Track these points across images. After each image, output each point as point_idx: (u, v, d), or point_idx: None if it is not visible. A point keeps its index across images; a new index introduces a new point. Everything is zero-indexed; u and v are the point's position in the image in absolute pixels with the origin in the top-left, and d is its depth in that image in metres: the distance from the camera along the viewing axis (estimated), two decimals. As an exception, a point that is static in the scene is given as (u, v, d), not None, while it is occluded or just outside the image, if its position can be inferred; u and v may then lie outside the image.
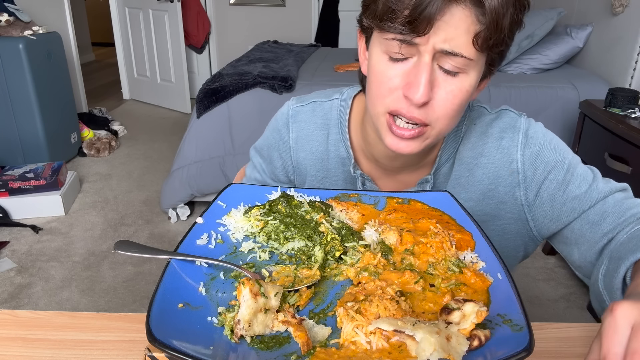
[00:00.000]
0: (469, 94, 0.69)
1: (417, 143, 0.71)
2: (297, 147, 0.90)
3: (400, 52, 0.65)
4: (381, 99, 0.70)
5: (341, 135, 0.88)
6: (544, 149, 0.80)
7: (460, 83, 0.66)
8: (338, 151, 0.88)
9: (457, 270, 0.57)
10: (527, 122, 0.83)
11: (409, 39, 0.63)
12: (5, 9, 3.03)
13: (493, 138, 0.82)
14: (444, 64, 0.65)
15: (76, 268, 2.32)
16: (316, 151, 0.90)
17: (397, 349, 0.46)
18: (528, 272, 2.29)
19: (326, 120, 0.89)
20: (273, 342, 0.48)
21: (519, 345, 0.44)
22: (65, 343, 0.58)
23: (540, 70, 2.99)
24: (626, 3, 2.54)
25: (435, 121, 0.68)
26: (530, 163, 0.80)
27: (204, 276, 0.58)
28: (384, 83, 0.68)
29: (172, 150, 3.67)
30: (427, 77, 0.64)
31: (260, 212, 0.68)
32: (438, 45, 0.63)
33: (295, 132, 0.90)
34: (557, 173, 0.79)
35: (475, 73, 0.67)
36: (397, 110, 0.68)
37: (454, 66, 0.65)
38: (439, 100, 0.67)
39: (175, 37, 4.51)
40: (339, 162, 0.89)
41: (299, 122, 0.90)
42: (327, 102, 0.90)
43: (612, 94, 2.07)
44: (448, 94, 0.66)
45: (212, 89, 2.67)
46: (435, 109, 0.67)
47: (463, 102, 0.68)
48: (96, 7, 7.75)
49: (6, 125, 3.12)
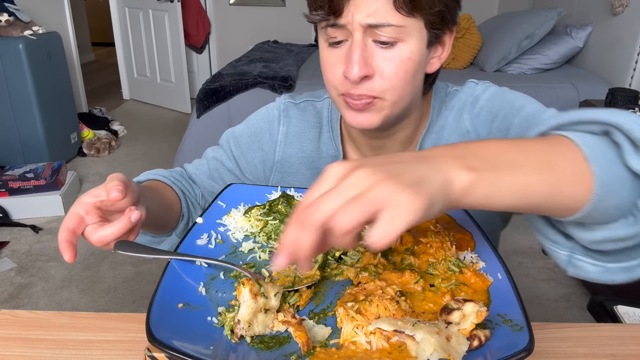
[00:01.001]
0: (414, 62, 0.68)
1: (374, 115, 0.71)
2: (286, 143, 0.90)
3: (334, 35, 0.68)
4: (331, 84, 0.72)
5: (332, 134, 0.88)
6: (491, 101, 0.79)
7: (400, 52, 0.66)
8: (329, 150, 0.88)
9: (457, 270, 0.57)
10: (484, 88, 0.82)
11: (333, 22, 0.66)
12: (5, 9, 3.03)
13: (454, 110, 0.82)
14: (378, 37, 0.65)
15: (76, 268, 2.32)
16: (307, 149, 0.89)
17: (397, 349, 0.46)
18: (528, 272, 2.29)
19: (319, 119, 0.90)
20: (273, 342, 0.48)
21: (519, 345, 0.44)
22: (65, 343, 0.58)
23: (540, 70, 2.99)
24: (626, 3, 2.54)
25: (385, 92, 0.69)
26: (479, 120, 0.79)
27: (204, 276, 0.58)
28: (329, 69, 0.71)
29: (172, 150, 3.67)
30: (360, 53, 0.65)
31: (260, 212, 0.68)
32: (363, 20, 0.64)
33: (285, 127, 0.90)
34: (502, 120, 0.77)
35: (415, 40, 0.67)
36: (346, 92, 0.70)
37: (388, 37, 0.65)
38: (382, 73, 0.67)
39: (175, 37, 4.51)
40: (330, 160, 0.88)
41: (291, 118, 0.90)
42: (318, 102, 0.91)
43: (612, 94, 2.08)
44: (389, 64, 0.67)
45: (212, 89, 2.67)
46: (381, 81, 0.68)
47: (410, 70, 0.68)
48: (96, 7, 7.74)
49: (6, 125, 3.12)
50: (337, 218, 0.38)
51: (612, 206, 0.46)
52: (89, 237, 0.58)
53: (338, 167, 0.41)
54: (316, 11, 0.67)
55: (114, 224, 0.58)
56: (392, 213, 0.37)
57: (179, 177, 0.89)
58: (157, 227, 0.79)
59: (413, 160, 0.42)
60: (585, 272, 0.54)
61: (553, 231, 0.55)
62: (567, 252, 0.55)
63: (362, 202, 0.38)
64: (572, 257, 0.54)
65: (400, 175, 0.39)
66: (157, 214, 0.75)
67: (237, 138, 0.92)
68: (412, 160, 0.42)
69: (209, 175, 0.92)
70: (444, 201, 0.41)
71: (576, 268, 0.54)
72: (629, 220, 0.47)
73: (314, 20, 0.69)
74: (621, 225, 0.47)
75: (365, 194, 0.38)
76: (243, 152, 0.91)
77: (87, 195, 0.61)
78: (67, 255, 0.55)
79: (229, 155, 0.92)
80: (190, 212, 0.87)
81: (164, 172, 0.88)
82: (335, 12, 0.65)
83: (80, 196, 0.61)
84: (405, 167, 0.41)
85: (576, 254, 0.54)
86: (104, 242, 0.58)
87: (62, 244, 0.56)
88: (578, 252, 0.54)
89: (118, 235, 0.58)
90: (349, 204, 0.38)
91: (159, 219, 0.77)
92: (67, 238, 0.56)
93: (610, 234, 0.48)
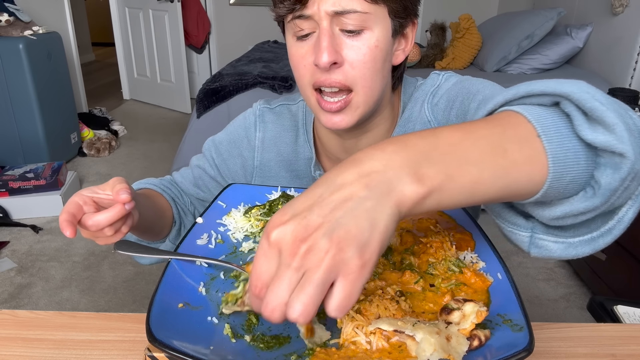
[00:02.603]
0: (381, 50, 0.69)
1: (349, 115, 0.72)
2: (263, 148, 0.91)
3: (301, 27, 0.68)
4: (303, 77, 0.72)
5: (307, 136, 0.89)
6: (450, 90, 0.79)
7: (367, 40, 0.67)
8: (304, 152, 0.89)
9: (457, 270, 0.57)
10: (446, 77, 0.82)
11: (300, 13, 0.67)
12: (5, 9, 3.03)
13: (418, 102, 0.82)
14: (344, 25, 0.66)
15: (76, 268, 2.32)
16: (284, 153, 0.90)
17: (397, 349, 0.46)
18: (528, 272, 2.29)
19: (294, 122, 0.91)
20: (273, 342, 0.48)
21: (519, 345, 0.44)
22: (65, 343, 0.58)
23: (540, 70, 2.99)
24: (626, 3, 2.54)
25: (356, 84, 0.69)
26: (438, 108, 0.80)
27: (204, 276, 0.58)
28: (299, 62, 0.71)
29: (172, 150, 3.67)
30: (328, 39, 0.66)
31: (260, 212, 0.68)
32: (329, 8, 0.65)
33: (262, 132, 0.91)
34: (459, 106, 0.76)
35: (380, 28, 0.68)
36: (317, 81, 0.69)
37: (354, 25, 0.66)
38: (351, 61, 0.68)
39: (175, 37, 4.51)
40: (306, 163, 0.89)
41: (266, 123, 0.91)
42: (294, 105, 0.92)
43: (612, 94, 2.07)
44: (357, 52, 0.67)
45: (212, 89, 2.67)
46: (349, 69, 0.68)
47: (376, 59, 0.69)
48: (96, 7, 7.74)
49: (6, 125, 3.12)
50: (293, 307, 0.36)
51: (569, 181, 0.44)
52: (85, 222, 0.60)
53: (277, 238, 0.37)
54: (282, 3, 0.68)
55: (108, 210, 0.60)
56: (345, 285, 0.36)
57: (169, 185, 0.92)
58: (151, 233, 0.81)
59: (355, 192, 0.38)
60: (548, 250, 0.51)
61: (512, 213, 0.52)
62: (528, 233, 0.52)
63: (311, 284, 0.36)
64: (533, 236, 0.51)
65: (341, 232, 0.36)
66: (151, 221, 0.77)
67: (218, 146, 0.94)
68: (355, 191, 0.38)
69: (194, 183, 0.94)
70: (396, 224, 0.39)
71: (539, 248, 0.51)
72: (587, 193, 0.45)
73: (280, 12, 0.69)
74: (580, 198, 0.45)
75: (311, 273, 0.36)
76: (224, 160, 0.93)
77: (86, 190, 0.64)
78: (68, 231, 0.58)
79: (211, 163, 0.94)
80: (181, 218, 0.90)
81: (154, 180, 0.91)
82: (300, 1, 0.66)
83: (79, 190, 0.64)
84: (346, 213, 0.37)
85: (537, 234, 0.51)
86: (99, 227, 0.60)
87: (63, 222, 0.58)
88: (539, 231, 0.51)
89: (111, 221, 0.60)
90: (299, 290, 0.36)
91: (152, 225, 0.79)
92: (67, 218, 0.59)
93: (570, 208, 0.45)
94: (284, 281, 0.36)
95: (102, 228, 0.61)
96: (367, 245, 0.36)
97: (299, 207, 0.38)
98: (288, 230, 0.37)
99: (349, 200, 0.37)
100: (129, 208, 0.61)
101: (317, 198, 0.38)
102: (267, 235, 0.38)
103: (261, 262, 0.38)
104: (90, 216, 0.60)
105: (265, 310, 0.37)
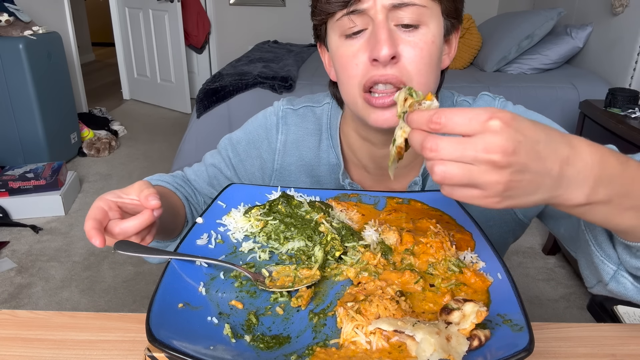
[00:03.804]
0: (436, 47, 0.68)
1: None
2: (285, 151, 0.87)
3: (353, 25, 0.66)
4: (353, 78, 0.69)
5: (331, 142, 0.85)
6: None
7: (423, 35, 0.66)
8: (329, 158, 0.86)
9: (457, 270, 0.57)
10: (502, 104, 0.81)
11: (354, 8, 0.65)
12: (5, 9, 3.03)
13: None
14: (401, 19, 0.65)
15: (76, 268, 2.32)
16: (306, 157, 0.87)
17: (397, 349, 0.46)
18: (528, 272, 2.29)
19: (318, 126, 0.87)
20: (273, 342, 0.48)
21: (519, 345, 0.44)
22: (65, 343, 0.58)
23: (540, 70, 2.99)
24: (626, 3, 2.54)
25: (411, 80, 0.67)
26: None
27: (204, 276, 0.58)
28: (350, 61, 0.68)
29: (172, 150, 3.67)
30: (386, 32, 0.64)
31: (260, 212, 0.68)
32: (387, 1, 0.64)
33: (284, 135, 0.87)
34: None
35: (435, 24, 0.67)
36: (372, 79, 0.67)
37: (411, 18, 0.65)
38: (407, 57, 0.66)
39: (175, 37, 4.51)
40: (329, 169, 0.86)
41: (289, 126, 0.87)
42: (318, 108, 0.88)
43: (612, 94, 2.07)
44: (414, 47, 0.66)
45: (212, 89, 2.67)
46: (406, 65, 0.66)
47: (432, 55, 0.68)
48: (96, 7, 7.75)
49: (6, 125, 3.12)
50: (441, 167, 0.42)
51: None
52: (111, 230, 0.59)
53: (495, 127, 0.41)
54: (335, 1, 0.65)
55: (136, 217, 0.59)
56: (476, 199, 0.43)
57: (182, 183, 0.89)
58: (165, 232, 0.79)
59: (554, 165, 0.43)
60: (625, 289, 0.59)
61: (610, 245, 0.59)
62: (614, 267, 0.59)
63: (468, 175, 0.41)
64: (618, 272, 0.58)
65: (520, 182, 0.42)
66: (165, 220, 0.75)
67: (235, 145, 0.90)
68: (553, 164, 0.43)
69: (208, 182, 0.91)
70: (540, 206, 0.46)
71: (618, 283, 0.59)
72: None
73: (331, 9, 0.67)
74: None
75: (478, 174, 0.41)
76: (241, 160, 0.89)
77: (109, 194, 0.62)
78: (98, 240, 0.56)
79: (227, 163, 0.90)
80: (194, 218, 0.87)
81: (167, 177, 0.87)
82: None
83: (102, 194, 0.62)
84: (537, 171, 0.42)
85: (622, 271, 0.58)
86: (127, 235, 0.59)
87: (90, 231, 0.56)
88: (624, 269, 0.58)
89: (140, 228, 0.59)
90: (460, 165, 0.41)
91: (166, 225, 0.77)
92: (95, 226, 0.57)
93: None
94: (459, 147, 0.41)
95: (129, 236, 0.59)
96: (511, 204, 0.43)
97: (527, 135, 0.42)
98: (504, 129, 0.41)
99: (541, 164, 0.43)
100: (158, 215, 0.59)
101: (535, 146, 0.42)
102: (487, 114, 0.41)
103: (458, 113, 0.42)
104: (116, 223, 0.58)
105: (428, 143, 0.42)
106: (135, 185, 0.63)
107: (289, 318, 0.52)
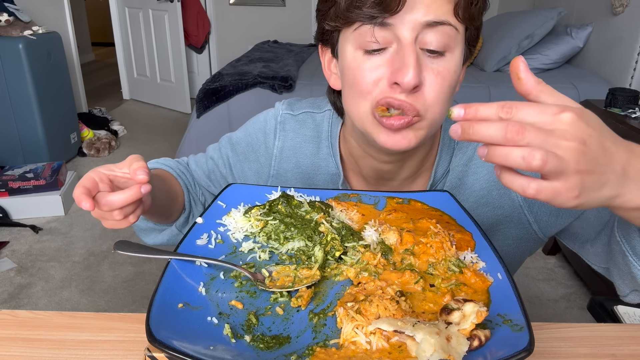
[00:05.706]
0: (456, 76, 0.65)
1: (411, 134, 0.65)
2: (282, 158, 0.85)
3: (376, 39, 0.61)
4: (365, 95, 0.64)
5: (331, 150, 0.83)
6: None
7: (448, 63, 0.62)
8: (328, 167, 0.83)
9: (457, 270, 0.57)
10: None
11: (381, 20, 0.59)
12: (5, 9, 3.03)
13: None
14: (428, 44, 0.61)
15: (76, 268, 2.32)
16: (303, 165, 0.84)
17: (397, 349, 0.46)
18: (528, 272, 2.29)
19: (317, 133, 0.84)
20: (273, 342, 0.48)
21: (519, 345, 0.44)
22: (65, 343, 0.58)
23: (541, 70, 2.99)
24: (626, 3, 2.54)
25: (426, 110, 0.63)
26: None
27: (204, 276, 0.58)
28: (365, 77, 0.63)
29: (172, 150, 3.67)
30: (414, 57, 0.60)
31: (260, 212, 0.68)
32: (421, 18, 0.59)
33: (281, 141, 0.85)
34: None
35: (459, 51, 0.64)
36: (386, 100, 0.62)
37: (439, 43, 0.60)
38: (429, 85, 0.62)
39: (175, 37, 4.51)
40: (328, 178, 0.84)
41: (287, 132, 0.85)
42: (318, 114, 0.85)
43: (612, 94, 2.07)
44: (437, 76, 0.62)
45: (212, 89, 2.67)
46: (426, 95, 0.62)
47: (452, 85, 0.64)
48: (96, 7, 7.74)
49: (6, 125, 3.12)
50: (541, 151, 0.39)
51: None
52: (99, 201, 0.58)
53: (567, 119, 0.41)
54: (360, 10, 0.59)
55: (123, 191, 0.58)
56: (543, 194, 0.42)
57: (184, 171, 0.89)
58: (161, 215, 0.79)
59: (618, 163, 0.44)
60: None
61: None
62: None
63: (560, 160, 0.40)
64: None
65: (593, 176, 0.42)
66: (163, 203, 0.75)
67: (234, 146, 0.89)
68: (618, 162, 0.44)
69: (207, 175, 0.91)
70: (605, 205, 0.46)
71: None
72: None
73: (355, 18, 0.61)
74: None
75: (566, 161, 0.40)
76: (239, 161, 0.89)
77: (102, 167, 0.61)
78: (87, 204, 0.55)
79: (225, 161, 0.90)
80: (191, 207, 0.87)
81: (171, 162, 0.88)
82: (387, 7, 0.58)
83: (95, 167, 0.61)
84: (605, 165, 0.43)
85: None
86: (112, 207, 0.58)
87: (79, 196, 0.55)
88: None
89: (125, 203, 0.58)
90: (532, 152, 0.39)
91: (163, 208, 0.77)
92: (83, 192, 0.56)
93: None
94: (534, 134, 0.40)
95: (114, 209, 0.58)
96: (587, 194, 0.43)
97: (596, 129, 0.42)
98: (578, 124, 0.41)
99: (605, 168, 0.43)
100: (145, 192, 0.58)
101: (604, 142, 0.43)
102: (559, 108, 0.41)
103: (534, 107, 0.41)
104: (104, 195, 0.58)
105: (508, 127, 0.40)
106: (127, 159, 0.62)
107: (289, 318, 0.52)
